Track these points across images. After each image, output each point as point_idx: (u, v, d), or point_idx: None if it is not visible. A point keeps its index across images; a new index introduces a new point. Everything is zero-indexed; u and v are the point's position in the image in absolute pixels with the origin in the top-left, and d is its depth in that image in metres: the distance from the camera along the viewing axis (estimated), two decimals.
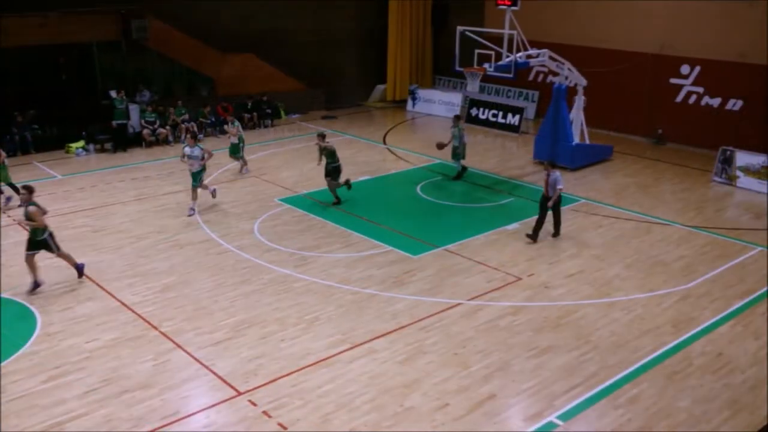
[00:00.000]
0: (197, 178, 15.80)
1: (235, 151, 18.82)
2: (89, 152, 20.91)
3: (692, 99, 21.73)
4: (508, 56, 17.71)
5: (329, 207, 16.30)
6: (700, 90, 21.50)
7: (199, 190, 15.93)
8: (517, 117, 24.13)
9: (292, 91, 26.27)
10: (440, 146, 18.46)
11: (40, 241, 11.96)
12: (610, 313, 11.51)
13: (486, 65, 17.90)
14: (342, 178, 16.65)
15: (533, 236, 14.37)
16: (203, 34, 23.50)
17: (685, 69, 21.72)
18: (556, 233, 14.61)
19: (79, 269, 12.56)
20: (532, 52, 18.29)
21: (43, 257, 12.28)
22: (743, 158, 18.22)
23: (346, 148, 21.68)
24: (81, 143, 20.91)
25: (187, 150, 15.75)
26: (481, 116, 25.09)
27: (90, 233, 14.70)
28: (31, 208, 11.89)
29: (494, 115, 24.74)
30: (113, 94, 21.63)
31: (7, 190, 16.28)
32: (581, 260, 13.60)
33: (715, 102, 21.15)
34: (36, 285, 12.05)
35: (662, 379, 9.67)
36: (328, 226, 15.21)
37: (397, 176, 19.09)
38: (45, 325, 10.97)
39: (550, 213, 14.50)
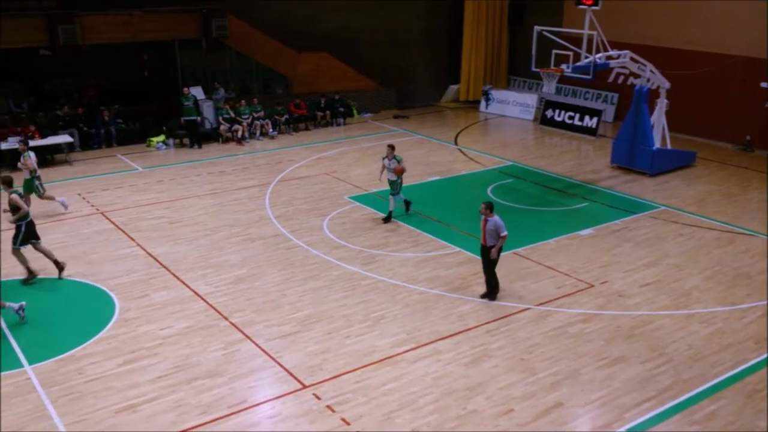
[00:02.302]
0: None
1: (29, 188, 15.19)
2: (168, 146, 21.61)
3: None
4: (586, 57, 17.26)
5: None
6: None
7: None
8: (595, 119, 23.53)
9: (365, 89, 26.44)
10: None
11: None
12: (688, 326, 11.03)
13: (563, 66, 17.50)
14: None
15: (490, 295, 11.83)
16: (279, 33, 23.94)
17: None
18: (489, 294, 11.79)
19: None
20: (612, 53, 17.76)
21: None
22: None
23: (416, 148, 21.68)
24: (161, 138, 21.64)
25: None
26: (556, 118, 24.59)
27: (167, 224, 15.17)
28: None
29: (570, 117, 24.19)
30: (190, 91, 22.26)
31: None
32: (658, 269, 13.11)
33: None
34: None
35: (742, 397, 9.19)
36: (397, 225, 15.20)
37: (468, 177, 18.90)
38: (123, 311, 11.39)
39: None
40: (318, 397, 9.13)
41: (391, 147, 15.25)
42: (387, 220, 15.28)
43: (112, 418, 8.69)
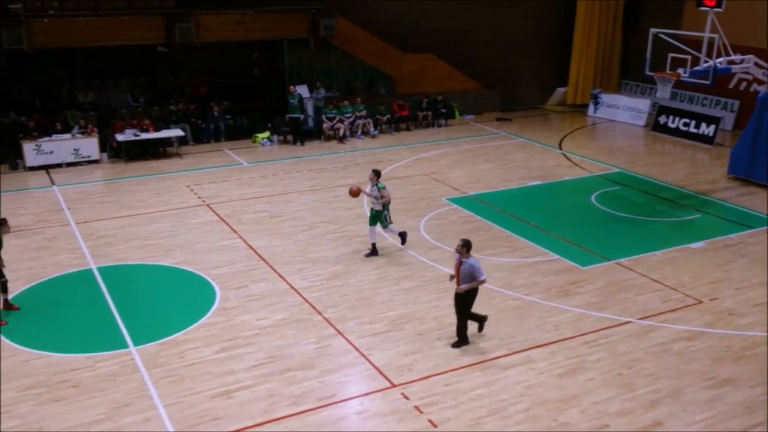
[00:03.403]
0: None
1: None
2: (273, 143, 22.21)
3: None
4: (706, 61, 16.33)
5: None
6: None
7: None
8: (713, 127, 22.23)
9: (468, 91, 26.18)
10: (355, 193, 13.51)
11: None
12: None
13: (680, 70, 16.64)
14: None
15: (460, 343, 10.39)
16: (385, 33, 24.08)
17: None
18: (460, 342, 10.36)
19: None
20: (735, 57, 16.73)
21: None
22: None
23: (518, 152, 21.25)
24: (266, 134, 22.28)
25: None
26: (670, 125, 23.43)
27: (268, 218, 15.59)
28: None
29: (686, 125, 22.99)
30: (295, 89, 22.76)
31: None
32: None
33: None
34: None
35: None
36: (494, 229, 14.93)
37: (571, 183, 18.32)
38: (222, 300, 11.79)
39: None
40: (406, 397, 9.09)
41: (376, 172, 13.42)
42: (372, 253, 13.50)
43: (208, 402, 9.00)
